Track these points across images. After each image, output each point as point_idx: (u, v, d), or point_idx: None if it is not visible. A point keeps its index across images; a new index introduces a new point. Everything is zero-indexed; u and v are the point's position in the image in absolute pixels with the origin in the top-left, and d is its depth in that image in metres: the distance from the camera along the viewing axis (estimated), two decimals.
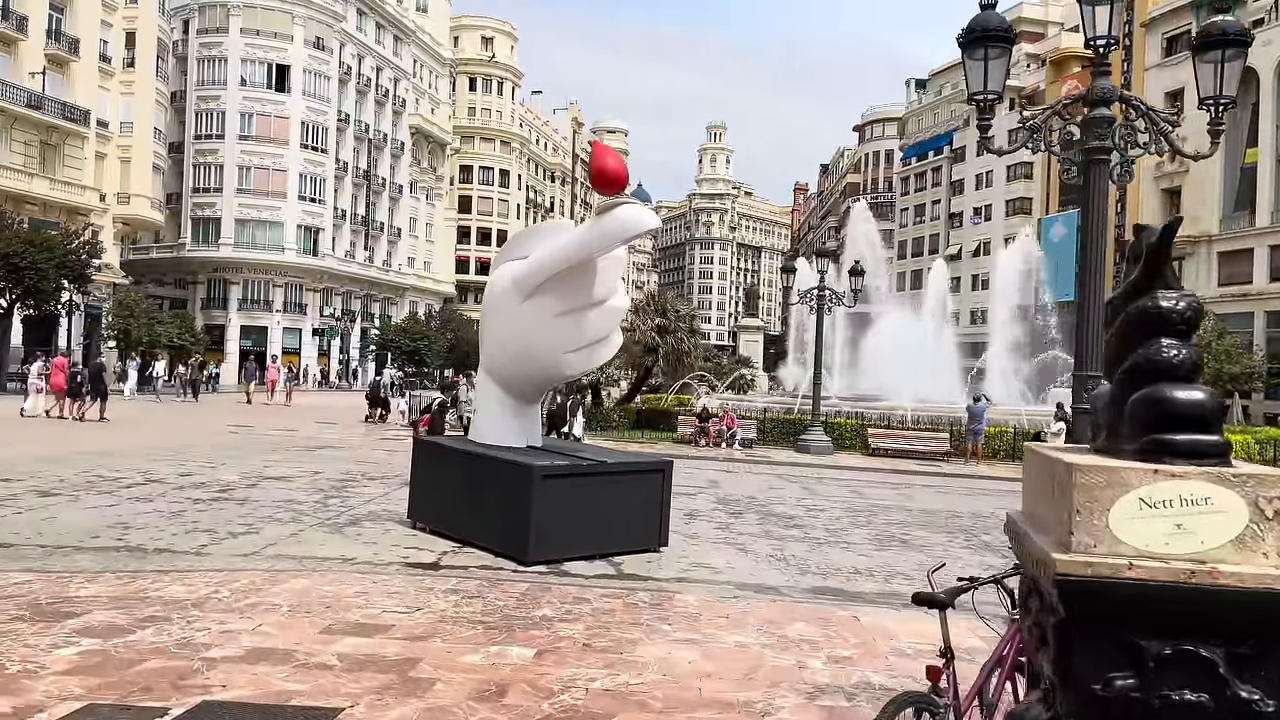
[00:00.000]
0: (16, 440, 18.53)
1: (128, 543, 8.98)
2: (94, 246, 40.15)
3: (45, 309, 39.73)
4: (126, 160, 51.26)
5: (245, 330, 61.64)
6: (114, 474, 13.76)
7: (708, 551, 10.24)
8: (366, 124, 71.97)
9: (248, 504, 11.68)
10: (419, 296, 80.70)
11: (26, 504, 10.82)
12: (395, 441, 21.95)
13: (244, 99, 61.67)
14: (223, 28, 61.83)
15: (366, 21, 72.31)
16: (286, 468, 15.57)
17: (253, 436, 21.84)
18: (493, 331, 10.35)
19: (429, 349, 67.31)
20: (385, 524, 10.80)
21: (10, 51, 43.30)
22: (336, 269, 66.66)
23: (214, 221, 61.61)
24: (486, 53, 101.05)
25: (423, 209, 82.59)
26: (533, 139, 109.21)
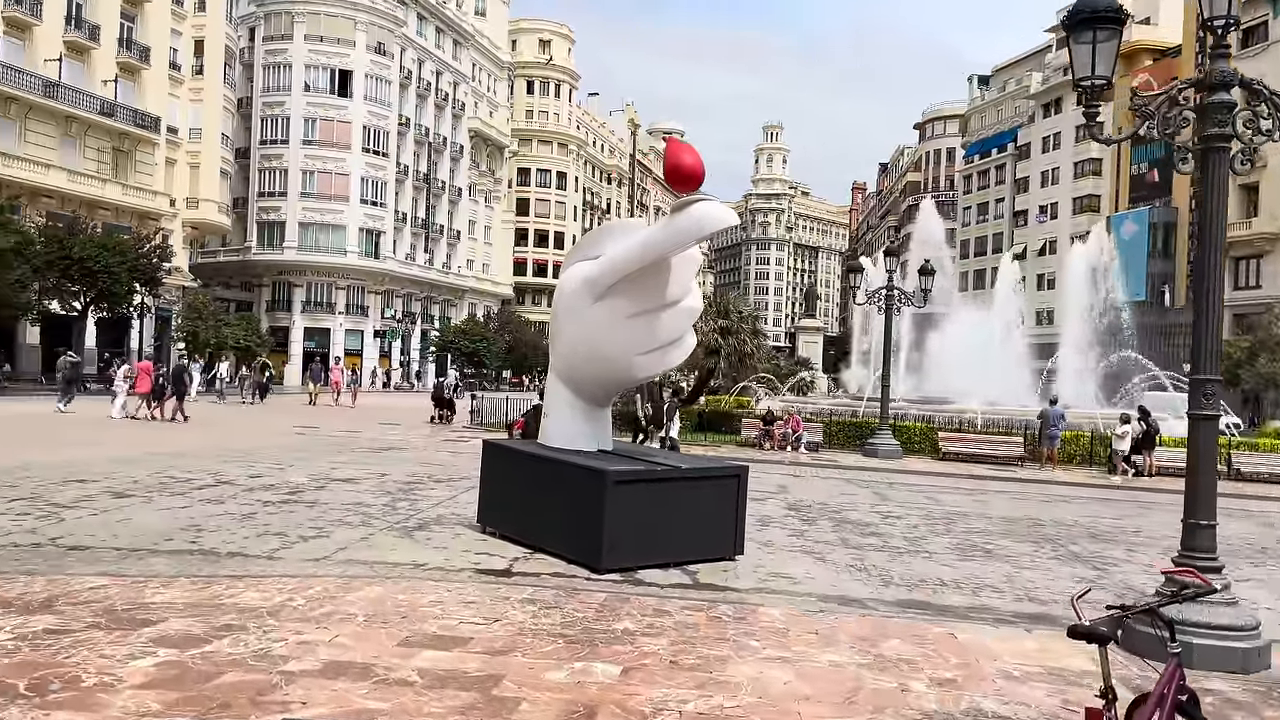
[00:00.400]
0: (93, 441, 18.85)
1: (201, 546, 8.93)
2: (164, 250, 41.04)
3: (118, 311, 40.71)
4: (195, 166, 52.35)
5: (309, 332, 62.61)
6: (186, 475, 13.84)
7: (784, 560, 9.90)
8: (426, 128, 72.71)
9: (317, 506, 11.62)
10: (477, 298, 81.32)
11: (101, 505, 10.88)
12: (459, 443, 21.93)
13: (307, 104, 62.68)
14: (287, 34, 62.90)
15: (427, 26, 73.05)
16: (353, 469, 15.56)
17: (318, 438, 21.98)
18: (563, 333, 10.13)
19: (488, 350, 67.84)
20: (454, 528, 10.64)
21: (83, 60, 44.44)
22: (397, 271, 67.40)
23: (278, 225, 62.71)
24: (544, 55, 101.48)
25: (481, 211, 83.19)
26: (590, 141, 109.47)
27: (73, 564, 7.91)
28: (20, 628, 5.67)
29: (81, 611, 6.12)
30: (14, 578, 7.15)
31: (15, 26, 40.98)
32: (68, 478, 12.92)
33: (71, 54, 43.71)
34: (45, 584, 6.95)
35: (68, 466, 14.11)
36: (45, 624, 5.77)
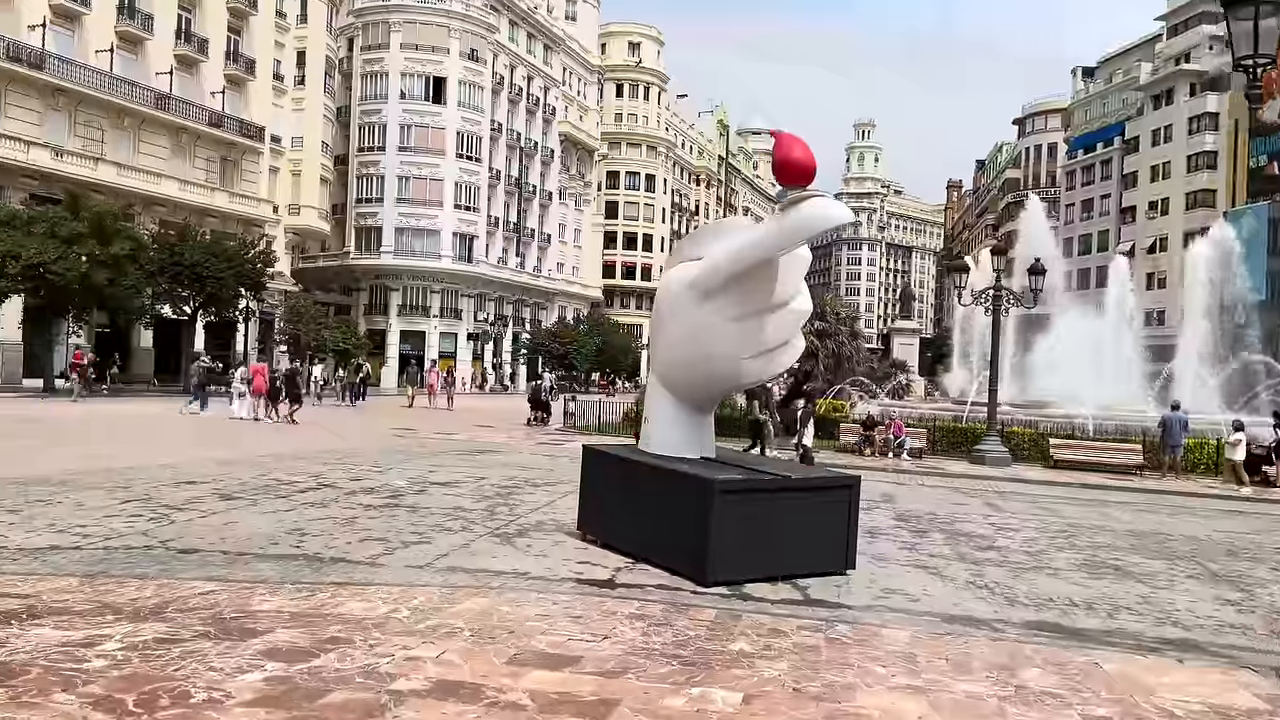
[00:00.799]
0: (202, 442, 19.34)
1: (305, 551, 8.90)
2: (268, 255, 42.24)
3: (225, 315, 42.08)
4: (297, 173, 53.88)
5: (405, 335, 63.84)
6: (289, 478, 13.99)
7: (899, 576, 9.40)
8: (518, 132, 73.49)
9: (417, 511, 11.56)
10: (567, 301, 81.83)
11: (210, 508, 11.01)
12: (554, 446, 21.87)
13: (403, 111, 63.95)
14: (384, 43, 64.27)
15: (518, 32, 73.83)
16: (451, 473, 15.55)
17: (415, 440, 22.17)
18: (665, 336, 9.82)
19: (578, 353, 68.18)
20: (554, 535, 10.44)
21: (193, 73, 46.10)
22: (489, 275, 68.27)
23: (376, 230, 64.13)
24: (633, 58, 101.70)
25: (571, 215, 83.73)
26: (678, 143, 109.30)
27: (182, 568, 7.93)
28: (131, 636, 5.62)
29: (191, 619, 6.06)
30: (126, 581, 7.18)
31: (128, 41, 42.74)
32: (178, 479, 13.17)
33: (182, 67, 45.41)
34: (156, 589, 6.95)
35: (178, 468, 14.42)
36: (155, 632, 5.71)
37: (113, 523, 9.75)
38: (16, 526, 9.29)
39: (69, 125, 40.35)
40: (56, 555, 8.15)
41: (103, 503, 10.92)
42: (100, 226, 34.07)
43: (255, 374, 26.66)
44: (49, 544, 8.59)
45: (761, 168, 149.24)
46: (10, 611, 6.07)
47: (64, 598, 6.56)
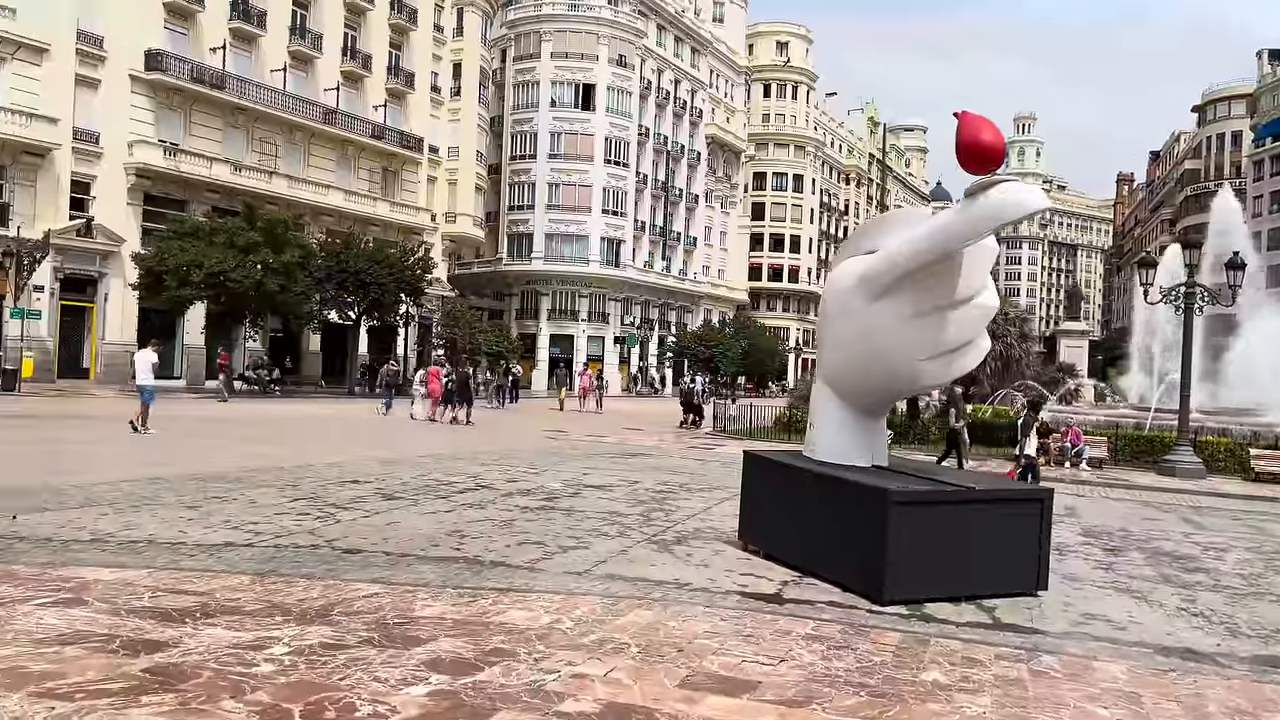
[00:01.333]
0: (366, 442, 19.91)
1: (464, 553, 8.79)
2: (426, 262, 43.63)
3: (386, 320, 43.74)
4: (453, 182, 55.56)
5: (554, 339, 64.89)
6: (448, 479, 14.11)
7: (1097, 599, 8.51)
8: (665, 136, 73.64)
9: (573, 515, 11.37)
10: (713, 304, 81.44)
11: (373, 507, 11.13)
12: (705, 450, 21.47)
13: (553, 119, 65.06)
14: (535, 53, 65.59)
15: (666, 36, 73.98)
16: (605, 476, 15.37)
17: (567, 443, 22.21)
18: (834, 335, 9.24)
19: (724, 356, 67.62)
20: (713, 544, 10.01)
21: (357, 88, 48.15)
22: (636, 279, 68.61)
23: (526, 237, 65.48)
24: (781, 58, 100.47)
25: (717, 217, 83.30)
26: (827, 142, 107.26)
27: (347, 568, 7.93)
28: (297, 639, 5.53)
29: (355, 624, 5.95)
30: (294, 581, 7.20)
31: (300, 60, 45.03)
32: (343, 478, 13.46)
33: (347, 83, 47.55)
34: (322, 589, 6.92)
35: (343, 467, 14.78)
36: (321, 637, 5.61)
37: (283, 520, 9.94)
38: (195, 522, 9.58)
39: (247, 141, 42.85)
40: (230, 552, 8.30)
41: (274, 500, 11.20)
42: (273, 236, 35.94)
43: (431, 377, 27.60)
44: (224, 540, 8.78)
45: (914, 165, 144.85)
46: (186, 609, 6.11)
47: (236, 596, 6.59)
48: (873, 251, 8.77)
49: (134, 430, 18.28)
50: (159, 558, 7.90)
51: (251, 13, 42.64)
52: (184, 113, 40.27)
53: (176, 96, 39.68)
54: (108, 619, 5.80)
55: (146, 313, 38.37)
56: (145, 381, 18.91)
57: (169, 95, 39.38)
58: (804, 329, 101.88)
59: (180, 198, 39.73)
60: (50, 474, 12.32)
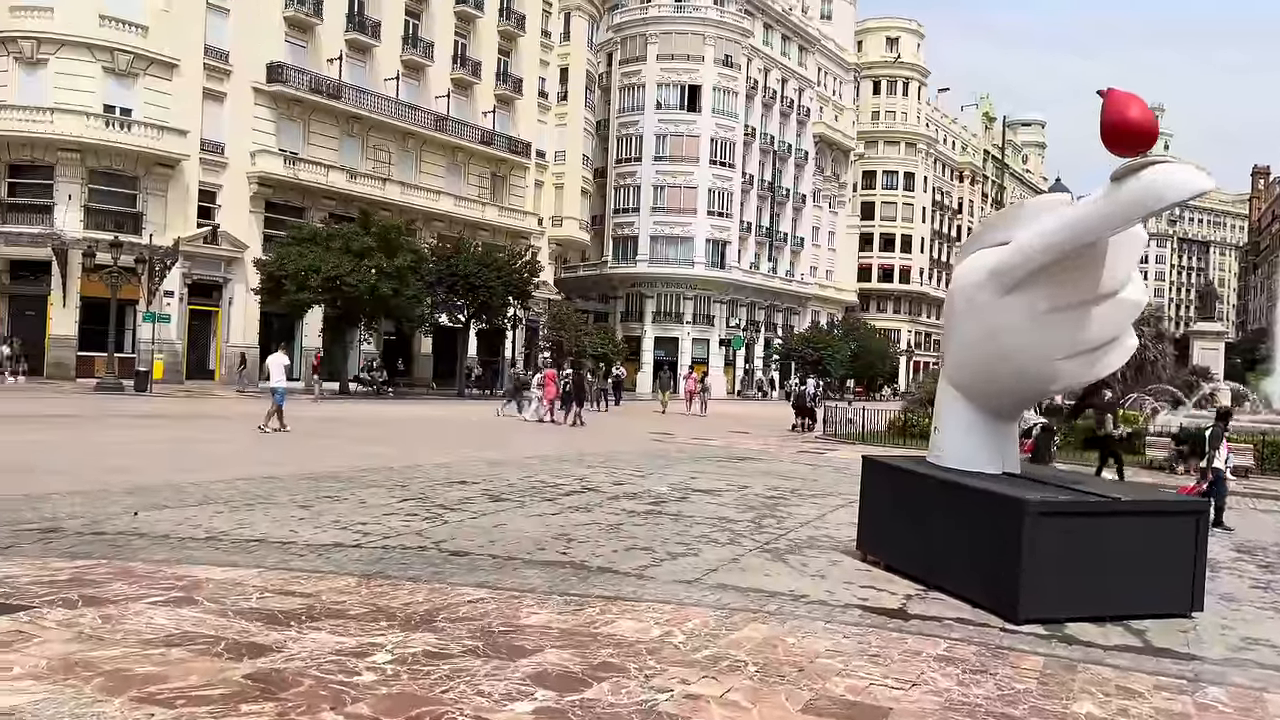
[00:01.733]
0: (474, 442, 20.01)
1: (571, 558, 8.56)
2: (534, 266, 44.03)
3: (494, 323, 44.31)
4: (559, 186, 55.99)
5: (659, 341, 64.77)
6: (555, 480, 13.96)
7: (1257, 622, 7.72)
8: (772, 136, 72.76)
9: (681, 520, 11.04)
10: (820, 306, 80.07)
11: (480, 509, 11.02)
12: (815, 455, 20.85)
13: (659, 122, 64.98)
14: (641, 56, 65.64)
15: (773, 35, 73.13)
16: (713, 480, 14.98)
17: (673, 445, 21.90)
18: (960, 333, 8.65)
19: (832, 358, 66.28)
20: (829, 553, 9.53)
21: (467, 94, 48.98)
22: (741, 280, 67.95)
23: (631, 239, 65.57)
24: (891, 54, 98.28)
25: (825, 217, 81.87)
26: (940, 139, 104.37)
27: (453, 571, 7.77)
28: (400, 646, 5.35)
29: (460, 630, 5.74)
30: (399, 584, 7.07)
31: (412, 69, 46.06)
32: (451, 479, 13.45)
33: (457, 90, 48.42)
34: (428, 593, 6.77)
35: (451, 468, 14.81)
36: (425, 644, 5.42)
37: (391, 521, 9.90)
38: (306, 522, 9.62)
39: (361, 149, 44.05)
40: (339, 552, 8.26)
41: (382, 500, 11.22)
42: (387, 241, 36.77)
43: (547, 380, 28.08)
44: (333, 540, 8.76)
45: (1032, 161, 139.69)
46: (292, 612, 6.02)
47: (341, 599, 6.48)
48: (1004, 244, 8.15)
49: (262, 431, 18.80)
50: (269, 557, 7.90)
51: (367, 24, 43.82)
52: (303, 122, 41.64)
53: (296, 107, 41.06)
54: (215, 620, 5.74)
55: (267, 317, 39.80)
56: (278, 383, 19.65)
57: (289, 106, 40.79)
58: (916, 331, 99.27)
59: (299, 205, 41.08)
60: (173, 471, 12.66)
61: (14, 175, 34.78)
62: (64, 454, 14.29)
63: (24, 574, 6.76)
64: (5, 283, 34.89)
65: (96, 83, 34.97)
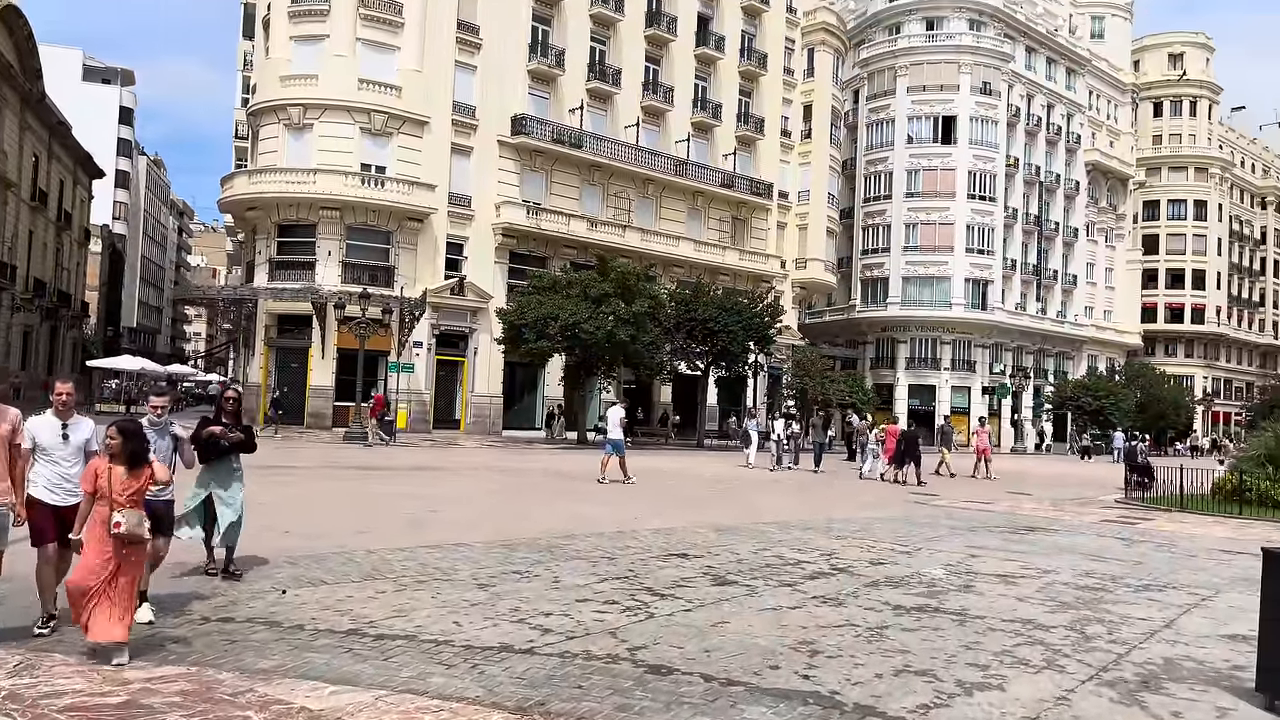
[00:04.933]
0: (698, 501, 17.76)
1: (816, 684, 5.98)
2: (776, 309, 41.64)
3: (734, 370, 42.16)
4: (803, 227, 53.49)
5: (913, 390, 60.27)
6: (795, 553, 11.35)
7: None
8: (1036, 166, 66.82)
9: (968, 622, 8.12)
10: (1098, 349, 72.16)
11: (697, 595, 8.64)
12: (1124, 526, 16.84)
13: (909, 156, 61.20)
14: (890, 90, 62.34)
15: (1036, 58, 67.52)
16: (1001, 561, 11.76)
17: (941, 510, 18.58)
18: None
19: (1115, 408, 58.88)
20: (1209, 690, 6.37)
21: (707, 137, 47.82)
22: (1005, 323, 62.21)
23: (881, 281, 61.77)
24: (1175, 72, 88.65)
25: (1100, 252, 74.00)
26: (1235, 161, 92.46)
27: (646, 701, 5.44)
28: None
29: None
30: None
31: (651, 114, 45.46)
32: (670, 549, 11.17)
33: (697, 133, 47.35)
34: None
35: (672, 535, 12.56)
36: None
37: (582, 611, 7.73)
38: (478, 610, 7.63)
39: (602, 196, 43.72)
40: (499, 663, 6.13)
41: (581, 579, 9.10)
42: (625, 286, 35.71)
43: (889, 435, 26.59)
44: (499, 642, 6.66)
45: None
46: None
47: None
48: None
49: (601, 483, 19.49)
50: (406, 668, 5.90)
51: (608, 72, 43.71)
52: (545, 173, 41.84)
53: (538, 158, 41.32)
54: None
55: (512, 366, 39.85)
56: (616, 435, 20.41)
57: (531, 157, 41.10)
58: (1213, 377, 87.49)
59: (541, 254, 41.12)
60: (355, 534, 11.20)
61: (283, 235, 36.87)
62: (252, 510, 13.30)
63: (77, 687, 5.09)
64: (273, 336, 36.86)
65: (354, 143, 36.55)
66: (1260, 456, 20.10)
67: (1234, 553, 13.55)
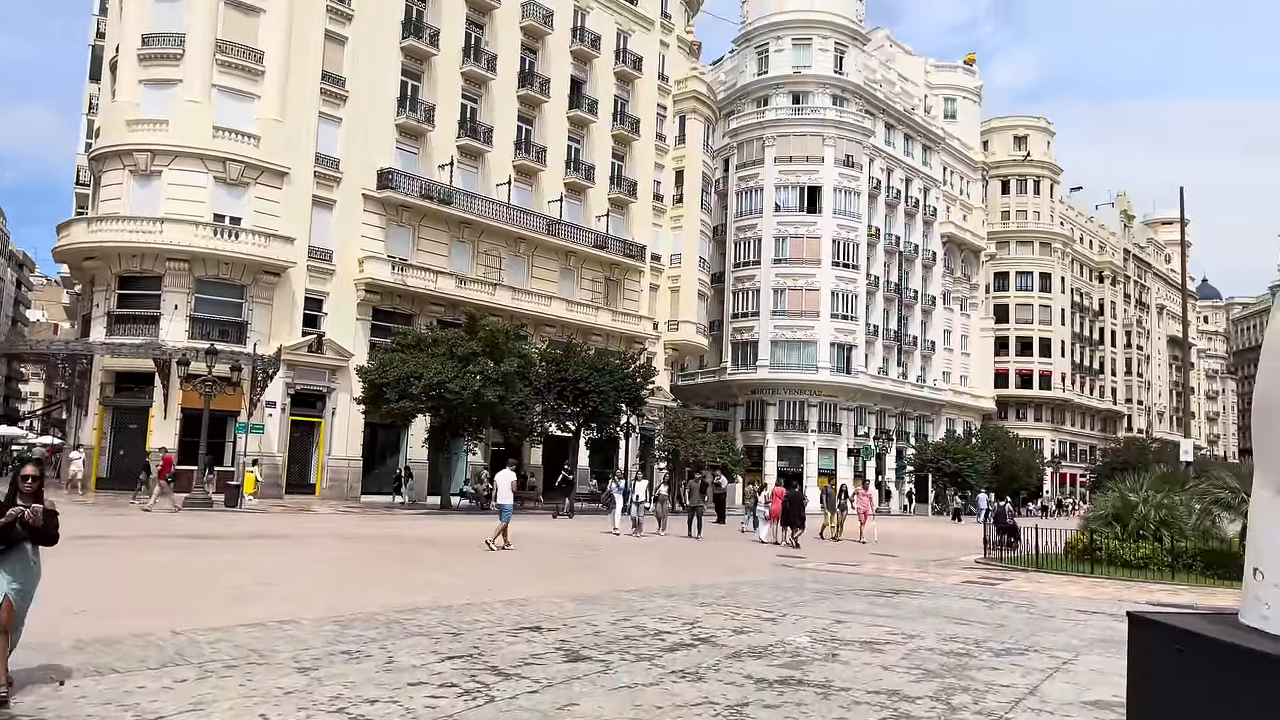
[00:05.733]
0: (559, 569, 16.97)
1: None
2: (648, 370, 41.49)
3: (606, 431, 41.62)
4: (675, 289, 53.88)
5: (782, 451, 61.03)
6: (656, 624, 10.72)
7: None
8: (896, 236, 69.67)
9: (832, 695, 7.63)
10: (955, 413, 74.97)
11: (546, 673, 7.89)
12: (986, 587, 16.90)
13: (778, 224, 62.89)
14: (759, 159, 64.12)
15: (895, 135, 70.84)
16: (867, 626, 11.42)
17: (808, 572, 18.32)
18: None
19: (972, 470, 61.09)
20: None
21: (580, 198, 47.83)
22: (869, 386, 64.00)
23: (751, 344, 62.76)
24: (1020, 152, 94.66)
25: (957, 320, 77.46)
26: (1075, 238, 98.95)
27: None
28: None
29: None
30: None
31: (524, 173, 45.22)
32: (523, 623, 10.36)
33: (571, 194, 47.30)
34: None
35: (528, 606, 11.75)
36: None
37: (414, 697, 6.87)
38: (291, 699, 6.68)
39: (472, 254, 42.95)
40: None
41: (418, 659, 8.21)
42: (493, 345, 34.90)
43: (774, 498, 26.62)
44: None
45: (1175, 260, 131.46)
46: None
47: None
48: None
49: (489, 549, 18.56)
50: None
51: (479, 130, 43.30)
52: (412, 228, 40.85)
53: (405, 213, 40.34)
54: None
55: (373, 428, 38.25)
56: (506, 500, 19.69)
57: (398, 211, 40.09)
58: (1059, 440, 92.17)
59: (407, 312, 39.91)
60: (166, 611, 9.98)
61: (124, 287, 34.63)
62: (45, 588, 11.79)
63: None
64: (110, 395, 34.32)
65: (207, 192, 34.85)
66: (1108, 515, 20.72)
67: (1089, 612, 13.65)
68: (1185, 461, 29.79)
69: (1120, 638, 11.00)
